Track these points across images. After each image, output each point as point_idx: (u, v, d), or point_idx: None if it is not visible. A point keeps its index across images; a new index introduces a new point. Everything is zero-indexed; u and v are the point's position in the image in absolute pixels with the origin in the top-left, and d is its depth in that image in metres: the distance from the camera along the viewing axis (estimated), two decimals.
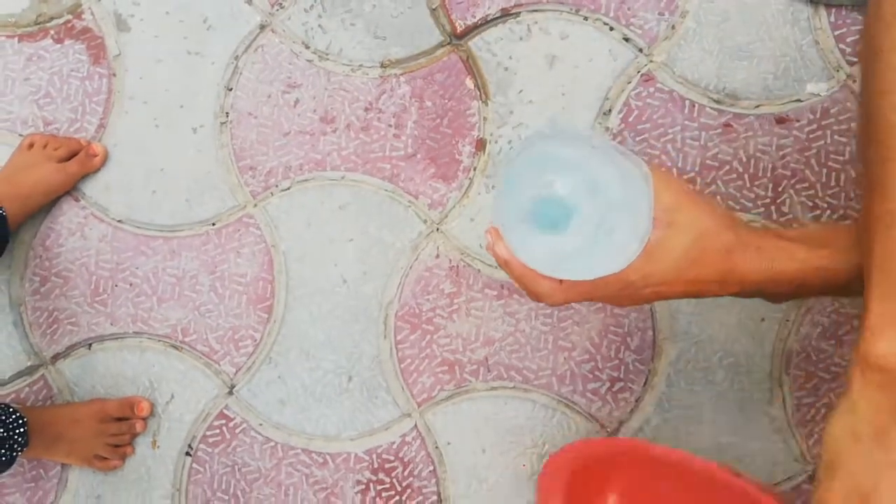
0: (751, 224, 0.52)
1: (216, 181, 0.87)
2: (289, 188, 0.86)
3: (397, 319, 0.84)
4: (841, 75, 0.84)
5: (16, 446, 0.76)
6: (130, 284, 0.86)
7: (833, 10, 0.84)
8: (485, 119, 0.84)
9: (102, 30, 0.89)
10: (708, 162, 0.83)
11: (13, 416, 0.76)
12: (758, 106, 0.84)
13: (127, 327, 0.86)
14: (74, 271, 0.87)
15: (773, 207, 0.83)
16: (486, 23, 0.86)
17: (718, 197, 0.83)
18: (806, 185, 0.83)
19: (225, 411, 0.85)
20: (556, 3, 0.85)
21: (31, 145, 0.85)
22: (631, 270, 0.43)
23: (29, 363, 0.86)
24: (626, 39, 0.85)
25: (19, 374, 0.86)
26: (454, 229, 0.84)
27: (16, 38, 0.89)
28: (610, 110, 0.84)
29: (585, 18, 0.85)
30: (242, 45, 0.88)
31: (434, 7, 0.86)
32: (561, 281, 0.45)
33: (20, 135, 0.88)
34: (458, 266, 0.84)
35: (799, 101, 0.84)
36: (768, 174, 0.83)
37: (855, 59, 0.84)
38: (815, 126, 0.83)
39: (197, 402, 0.85)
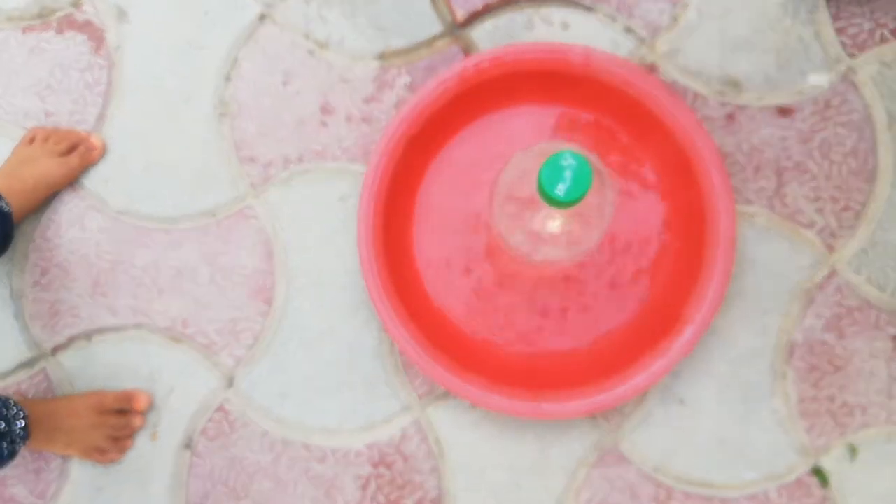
0: None
1: (216, 172, 0.86)
2: (289, 179, 0.86)
3: None
4: (841, 67, 0.83)
5: (17, 440, 0.75)
6: (131, 276, 0.86)
7: (833, 3, 0.84)
8: None
9: (103, 21, 0.89)
10: None
11: (14, 411, 0.76)
12: (760, 97, 0.84)
13: (127, 319, 0.86)
14: (75, 263, 0.86)
15: (776, 200, 0.83)
16: (487, 12, 0.86)
17: None
18: (808, 176, 0.83)
19: (225, 404, 0.85)
20: None
21: (32, 140, 0.85)
22: None
23: (30, 355, 0.86)
24: (628, 30, 0.85)
25: (20, 366, 0.86)
26: None
27: (20, 31, 0.89)
28: None
29: (588, 9, 0.85)
30: (242, 36, 0.88)
31: None
32: None
33: (23, 127, 0.88)
34: None
35: (801, 92, 0.84)
36: (771, 165, 0.83)
37: (855, 51, 0.83)
38: (817, 117, 0.83)
39: (197, 394, 0.85)
